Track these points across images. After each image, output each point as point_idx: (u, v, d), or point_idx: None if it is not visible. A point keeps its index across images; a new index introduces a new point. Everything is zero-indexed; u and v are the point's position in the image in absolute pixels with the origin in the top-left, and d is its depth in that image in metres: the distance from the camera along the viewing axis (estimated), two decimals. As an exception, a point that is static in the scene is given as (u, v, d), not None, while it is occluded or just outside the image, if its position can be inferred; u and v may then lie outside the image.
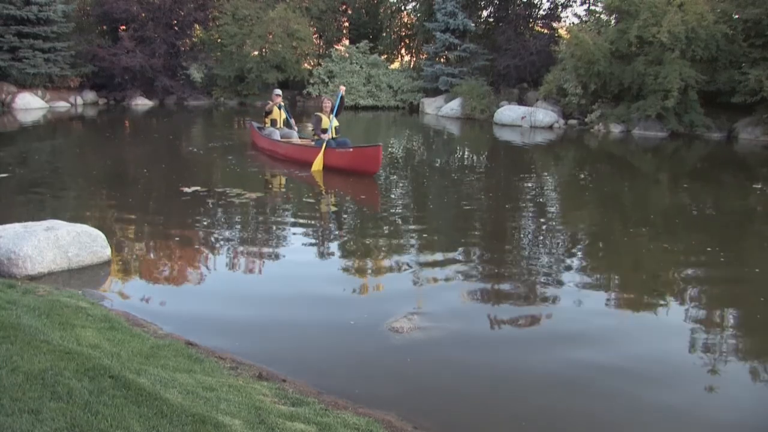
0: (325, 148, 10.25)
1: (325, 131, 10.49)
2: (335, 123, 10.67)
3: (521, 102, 23.11)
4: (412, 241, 7.04)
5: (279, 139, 11.93)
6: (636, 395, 3.69)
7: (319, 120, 10.69)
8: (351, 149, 10.12)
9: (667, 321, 4.87)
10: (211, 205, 8.18)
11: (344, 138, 10.88)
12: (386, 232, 7.55)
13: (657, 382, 3.85)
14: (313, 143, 10.93)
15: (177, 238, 6.80)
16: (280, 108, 12.46)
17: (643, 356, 4.21)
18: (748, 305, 5.30)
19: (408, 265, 6.12)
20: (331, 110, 10.68)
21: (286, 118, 12.54)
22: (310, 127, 12.52)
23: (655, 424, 3.43)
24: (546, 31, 26.90)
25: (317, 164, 10.35)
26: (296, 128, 12.79)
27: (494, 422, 3.40)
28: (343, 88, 11.00)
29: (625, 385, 3.83)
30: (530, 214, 8.48)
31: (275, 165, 11.71)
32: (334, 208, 8.68)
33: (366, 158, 9.91)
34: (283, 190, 9.91)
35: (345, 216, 8.24)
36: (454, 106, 23.45)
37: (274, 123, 12.37)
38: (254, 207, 8.20)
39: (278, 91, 12.75)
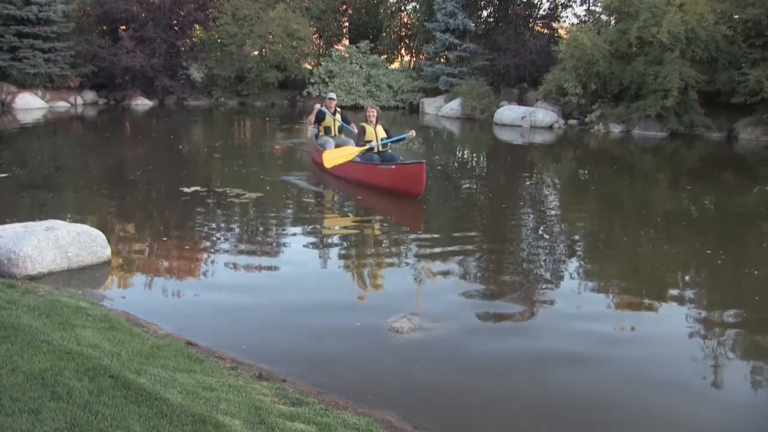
0: (365, 162, 9.12)
1: (369, 142, 9.30)
2: (382, 134, 9.44)
3: (521, 102, 23.11)
4: (412, 242, 7.04)
5: (332, 149, 10.29)
6: (635, 396, 3.69)
7: (363, 131, 9.45)
8: (393, 166, 8.66)
9: (667, 322, 4.86)
10: (211, 205, 8.18)
11: (392, 152, 9.51)
12: (386, 232, 7.56)
13: (657, 382, 3.85)
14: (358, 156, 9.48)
15: (177, 238, 6.80)
16: (333, 114, 10.85)
17: (642, 357, 4.21)
18: (747, 306, 5.30)
19: (408, 265, 6.12)
20: (377, 121, 9.48)
21: (342, 125, 10.93)
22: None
23: (655, 424, 3.43)
24: (546, 31, 26.91)
25: (335, 159, 9.29)
26: (355, 130, 10.60)
27: (494, 422, 3.39)
28: (413, 133, 9.70)
29: (625, 386, 3.83)
30: (530, 215, 8.48)
31: (274, 167, 11.68)
32: (334, 209, 8.67)
33: (407, 177, 8.38)
34: (284, 190, 9.90)
35: (344, 216, 8.23)
36: (454, 106, 23.45)
37: (328, 131, 10.81)
38: (254, 207, 8.19)
39: (332, 95, 11.11)
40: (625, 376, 3.94)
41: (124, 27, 25.91)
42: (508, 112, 21.26)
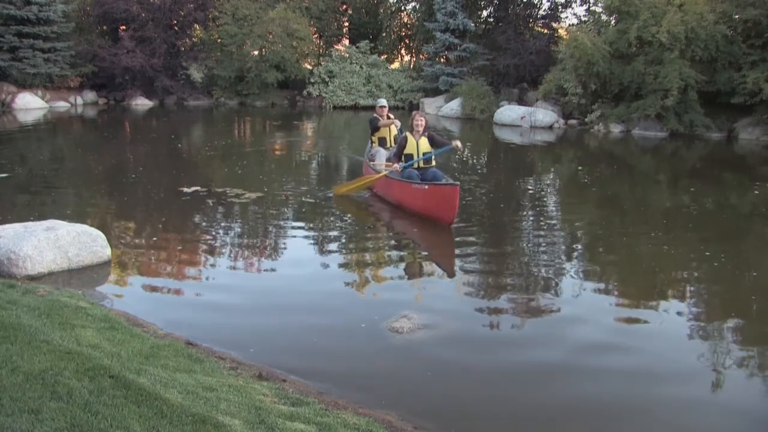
0: (403, 179, 7.77)
1: (409, 158, 7.92)
2: (426, 148, 7.97)
3: (521, 102, 23.12)
4: (412, 242, 7.04)
5: (381, 162, 9.10)
6: (635, 395, 3.69)
7: (404, 143, 7.98)
8: (426, 187, 7.35)
9: (666, 323, 4.86)
10: (211, 205, 8.18)
11: (435, 169, 7.99)
12: (385, 232, 7.56)
13: (656, 383, 3.85)
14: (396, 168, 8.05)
15: (177, 238, 6.80)
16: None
17: (642, 357, 4.21)
18: (746, 307, 5.30)
19: (408, 265, 6.12)
20: (424, 132, 8.02)
21: (398, 134, 9.53)
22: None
23: (655, 424, 3.43)
24: (546, 31, 26.93)
25: (345, 187, 8.32)
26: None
27: (494, 422, 3.39)
28: (458, 144, 8.08)
29: (625, 385, 3.83)
30: (530, 215, 8.48)
31: (274, 167, 11.60)
32: (334, 209, 8.66)
33: (439, 201, 7.16)
34: (284, 190, 9.90)
35: (344, 215, 8.23)
36: (454, 106, 23.46)
37: (382, 142, 9.47)
38: (254, 207, 8.19)
39: (382, 102, 9.78)
40: (625, 377, 3.93)
41: (124, 27, 25.94)
42: (508, 112, 21.28)
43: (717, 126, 18.26)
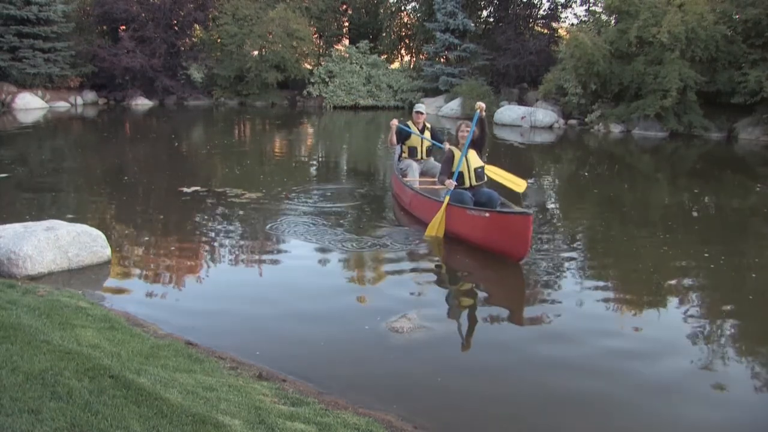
0: (453, 204, 6.55)
1: (459, 178, 6.77)
2: (477, 162, 6.84)
3: (521, 102, 23.14)
4: (412, 242, 7.03)
5: (415, 177, 8.21)
6: (635, 397, 3.69)
7: (451, 158, 6.86)
8: (487, 215, 6.11)
9: (666, 325, 4.86)
10: (211, 205, 8.18)
11: (489, 189, 6.89)
12: (386, 231, 7.55)
13: (656, 383, 3.85)
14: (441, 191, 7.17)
15: (177, 238, 6.80)
16: (421, 131, 8.53)
17: (642, 359, 4.21)
18: (745, 308, 5.30)
19: (408, 265, 6.11)
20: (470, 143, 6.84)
21: (433, 143, 8.57)
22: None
23: (654, 425, 3.43)
24: (546, 31, 26.94)
25: (435, 227, 6.66)
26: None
27: (494, 422, 3.39)
28: (481, 105, 6.85)
29: (625, 386, 3.83)
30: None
31: (274, 167, 11.63)
32: (333, 209, 8.66)
33: (506, 232, 5.87)
34: (283, 190, 9.90)
35: (344, 215, 8.22)
36: (454, 106, 23.47)
37: (413, 152, 8.54)
38: (254, 207, 8.19)
39: (420, 107, 8.71)
40: (625, 378, 3.93)
41: (124, 27, 25.95)
42: (508, 112, 21.29)
43: (717, 126, 18.27)
